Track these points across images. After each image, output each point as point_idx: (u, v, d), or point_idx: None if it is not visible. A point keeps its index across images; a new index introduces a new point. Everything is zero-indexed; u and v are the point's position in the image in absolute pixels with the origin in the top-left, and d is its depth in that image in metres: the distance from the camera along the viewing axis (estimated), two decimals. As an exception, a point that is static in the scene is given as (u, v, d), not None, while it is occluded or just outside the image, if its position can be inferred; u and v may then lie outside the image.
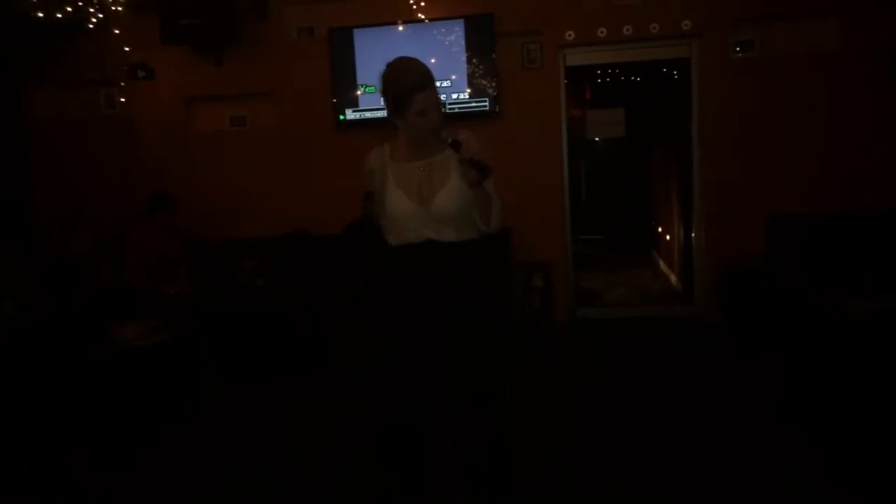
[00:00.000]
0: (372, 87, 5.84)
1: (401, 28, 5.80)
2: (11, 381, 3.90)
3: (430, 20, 5.78)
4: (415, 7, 5.79)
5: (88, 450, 3.72)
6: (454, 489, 2.68)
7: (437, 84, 2.47)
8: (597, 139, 9.26)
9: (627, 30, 5.74)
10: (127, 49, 6.22)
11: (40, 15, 5.50)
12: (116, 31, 5.91)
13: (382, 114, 5.85)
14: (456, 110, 5.79)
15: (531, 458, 3.26)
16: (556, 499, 3.05)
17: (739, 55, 5.72)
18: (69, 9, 5.56)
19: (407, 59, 2.41)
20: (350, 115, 5.96)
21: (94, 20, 5.73)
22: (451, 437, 2.60)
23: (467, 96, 5.83)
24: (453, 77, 5.82)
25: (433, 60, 5.60)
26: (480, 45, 5.74)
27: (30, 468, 3.61)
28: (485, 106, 5.77)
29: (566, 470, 3.30)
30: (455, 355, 2.47)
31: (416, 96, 2.32)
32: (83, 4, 5.60)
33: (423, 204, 2.42)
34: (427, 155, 2.46)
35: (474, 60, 5.74)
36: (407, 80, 2.34)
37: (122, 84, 6.23)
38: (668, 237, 7.75)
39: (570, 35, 5.81)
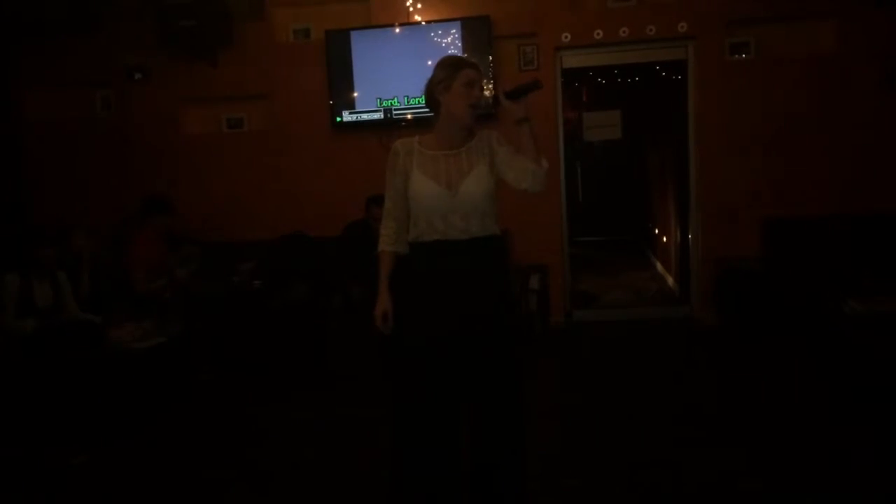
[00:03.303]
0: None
1: (398, 30, 5.80)
2: (10, 383, 3.90)
3: (427, 22, 5.78)
4: (412, 9, 5.79)
5: (86, 452, 3.71)
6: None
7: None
8: (593, 141, 9.27)
9: (624, 32, 5.74)
10: (123, 51, 6.23)
11: (36, 16, 5.49)
12: (112, 33, 5.90)
13: (379, 115, 5.88)
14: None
15: (529, 459, 3.26)
16: (555, 500, 3.05)
17: (735, 57, 5.72)
18: (65, 10, 5.56)
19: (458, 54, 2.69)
20: (347, 116, 5.95)
21: (90, 22, 5.73)
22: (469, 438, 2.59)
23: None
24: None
25: (430, 62, 5.55)
26: (477, 48, 5.72)
27: (27, 469, 3.60)
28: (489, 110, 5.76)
29: (564, 471, 3.29)
30: (481, 352, 2.48)
31: (465, 69, 2.52)
32: (79, 6, 5.60)
33: (451, 189, 2.49)
34: (455, 146, 2.56)
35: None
36: (460, 58, 2.64)
37: (118, 86, 6.24)
38: (664, 239, 7.76)
39: (566, 37, 5.81)
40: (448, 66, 2.56)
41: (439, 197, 2.48)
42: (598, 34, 5.77)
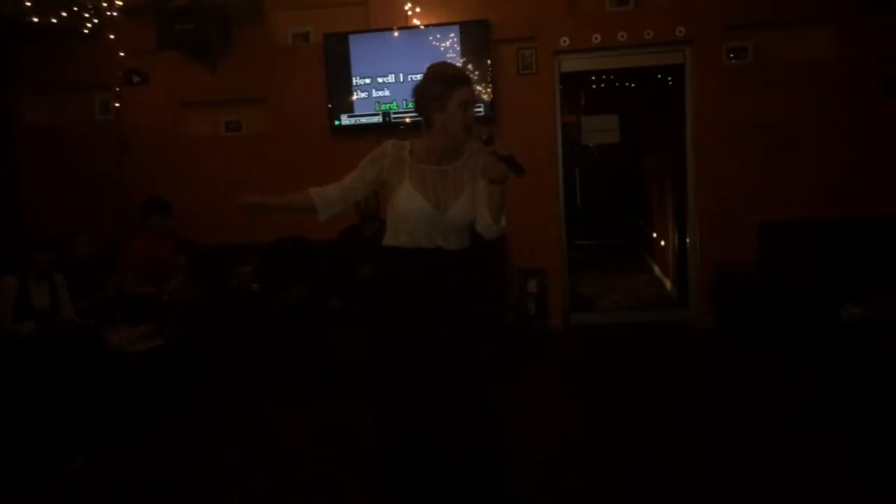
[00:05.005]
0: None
1: (396, 34, 5.81)
2: (7, 385, 3.89)
3: (426, 26, 5.79)
4: (410, 13, 5.81)
5: (83, 454, 3.70)
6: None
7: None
8: (591, 145, 9.29)
9: (622, 36, 5.76)
10: (122, 54, 6.23)
11: (34, 20, 5.49)
12: (111, 37, 5.91)
13: (377, 119, 5.88)
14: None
15: (527, 462, 3.26)
16: (555, 501, 3.05)
17: (733, 62, 5.74)
18: (63, 14, 5.56)
19: (447, 62, 2.66)
20: (345, 120, 5.96)
21: (88, 25, 5.73)
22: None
23: (462, 102, 5.82)
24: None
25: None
26: (476, 51, 5.75)
27: (25, 473, 3.60)
28: (480, 112, 5.77)
29: (563, 474, 3.29)
30: (453, 355, 2.47)
31: (460, 88, 2.44)
32: (78, 9, 5.60)
33: (439, 210, 2.47)
34: (444, 162, 2.51)
35: (470, 66, 5.73)
36: (453, 73, 2.50)
37: (117, 89, 6.24)
38: (662, 242, 7.77)
39: (564, 41, 5.83)
40: (442, 84, 2.45)
41: (428, 215, 2.47)
42: (596, 38, 5.79)
